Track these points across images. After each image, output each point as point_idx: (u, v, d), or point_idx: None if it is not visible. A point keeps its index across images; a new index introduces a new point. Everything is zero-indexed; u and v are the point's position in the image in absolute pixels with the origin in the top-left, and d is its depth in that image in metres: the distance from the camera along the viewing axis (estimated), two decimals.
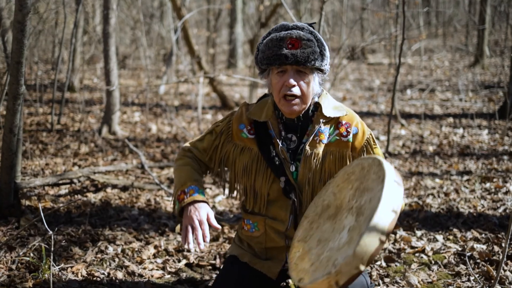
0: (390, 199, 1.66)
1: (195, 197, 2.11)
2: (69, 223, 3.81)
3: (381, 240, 1.60)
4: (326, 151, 2.19)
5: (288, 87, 2.07)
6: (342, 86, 12.36)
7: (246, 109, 2.30)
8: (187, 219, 2.06)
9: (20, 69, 3.27)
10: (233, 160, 2.27)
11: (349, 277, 1.61)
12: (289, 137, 2.23)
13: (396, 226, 3.81)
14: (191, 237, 2.01)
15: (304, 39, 2.04)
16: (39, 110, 8.11)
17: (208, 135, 2.34)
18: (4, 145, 3.53)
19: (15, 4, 3.12)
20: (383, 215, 1.63)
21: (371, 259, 1.61)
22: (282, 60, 2.04)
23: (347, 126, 2.21)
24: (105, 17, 6.36)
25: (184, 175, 2.21)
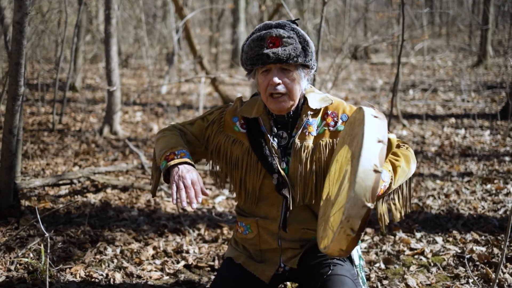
0: (373, 131, 1.70)
1: (187, 159, 2.07)
2: (69, 223, 3.81)
3: (376, 170, 1.63)
4: (316, 143, 2.18)
5: (273, 86, 2.07)
6: (344, 86, 12.34)
7: (240, 104, 2.30)
8: (178, 177, 1.98)
9: (19, 70, 3.27)
10: (224, 151, 2.26)
11: (360, 219, 1.64)
12: (280, 134, 2.22)
13: (395, 228, 3.81)
14: (183, 194, 1.93)
15: (284, 36, 2.04)
16: (41, 109, 8.12)
17: (199, 120, 2.32)
18: (4, 146, 3.53)
19: (14, 5, 3.13)
20: (370, 147, 1.67)
21: (373, 193, 1.63)
22: (265, 60, 2.04)
23: (333, 115, 2.21)
24: (107, 17, 6.37)
25: (174, 141, 2.16)
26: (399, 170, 2.10)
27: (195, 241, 3.65)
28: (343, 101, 2.27)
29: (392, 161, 2.12)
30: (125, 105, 8.92)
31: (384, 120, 1.79)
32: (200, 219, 4.05)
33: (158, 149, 2.16)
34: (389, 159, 2.12)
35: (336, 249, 1.76)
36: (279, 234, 2.25)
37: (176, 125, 2.32)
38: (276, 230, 2.25)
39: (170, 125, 2.33)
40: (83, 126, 7.30)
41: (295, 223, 2.23)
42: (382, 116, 1.81)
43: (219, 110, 2.33)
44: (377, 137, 1.71)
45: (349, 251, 1.76)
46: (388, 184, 2.05)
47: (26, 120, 7.39)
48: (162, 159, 2.08)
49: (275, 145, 2.19)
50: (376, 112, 1.81)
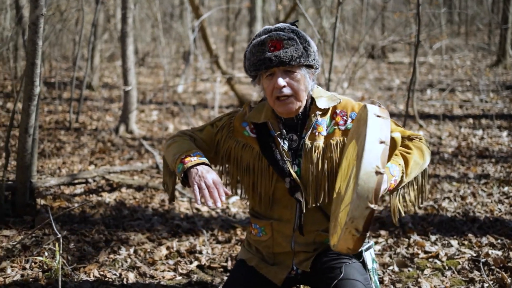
0: (375, 132, 1.70)
1: (203, 160, 2.06)
2: (84, 222, 3.84)
3: (378, 172, 1.63)
4: (327, 142, 2.17)
5: (279, 89, 2.06)
6: (361, 85, 12.27)
7: (249, 110, 2.29)
8: (198, 177, 1.97)
9: (35, 70, 3.30)
10: (234, 156, 2.25)
11: (364, 220, 1.65)
12: (290, 136, 2.21)
13: (410, 231, 3.78)
14: (207, 194, 1.92)
15: (284, 38, 2.04)
16: (58, 108, 8.19)
17: (209, 126, 2.32)
18: (20, 145, 3.57)
19: (30, 6, 3.15)
20: (372, 148, 1.66)
21: (376, 194, 1.63)
22: (267, 64, 2.04)
23: (342, 114, 2.20)
24: (123, 17, 6.40)
25: (186, 145, 2.15)
26: (411, 163, 2.09)
27: (208, 242, 3.65)
28: (351, 99, 2.26)
29: (403, 154, 2.10)
30: (141, 104, 8.97)
31: (387, 119, 1.78)
32: (214, 219, 4.06)
33: (171, 155, 2.15)
34: (400, 153, 2.11)
35: (343, 248, 1.78)
36: (293, 237, 2.24)
37: (186, 132, 2.32)
38: (290, 233, 2.24)
39: (179, 132, 2.33)
40: (99, 125, 7.35)
41: (309, 225, 2.22)
42: (386, 114, 1.80)
43: (228, 115, 2.33)
44: (379, 138, 1.70)
45: (357, 249, 1.77)
46: (400, 178, 2.04)
47: (43, 119, 7.47)
48: (178, 163, 2.07)
49: (286, 148, 2.19)
50: (379, 111, 1.80)
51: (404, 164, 2.08)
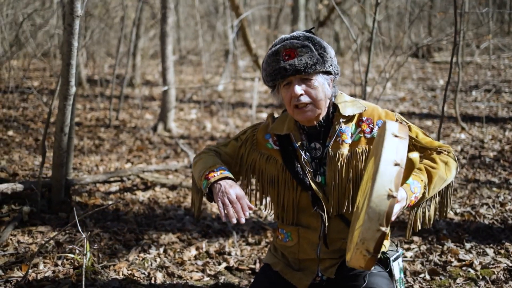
0: (390, 153, 1.66)
1: (227, 174, 2.07)
2: (117, 220, 3.90)
3: (390, 196, 1.60)
4: (352, 150, 2.13)
5: (296, 97, 2.04)
6: (404, 85, 12.05)
7: (272, 121, 2.28)
8: (222, 193, 1.99)
9: (70, 70, 3.36)
10: (259, 169, 2.25)
11: (375, 242, 1.63)
12: (312, 146, 2.18)
13: (443, 237, 3.68)
14: (231, 210, 1.94)
15: (298, 46, 2.01)
16: (100, 105, 8.35)
17: (233, 141, 2.33)
18: (56, 143, 3.65)
19: (66, 8, 3.21)
20: (385, 170, 1.64)
21: (388, 217, 1.61)
22: (283, 73, 2.02)
23: (368, 122, 2.15)
24: (162, 17, 6.47)
25: (211, 161, 2.17)
26: (435, 179, 2.04)
27: (238, 243, 3.65)
28: (377, 106, 2.21)
29: (428, 169, 2.05)
30: (181, 102, 9.05)
31: (405, 140, 1.72)
32: (246, 221, 4.05)
33: (197, 172, 2.17)
34: (425, 167, 2.06)
35: (356, 265, 1.76)
36: (319, 245, 2.22)
37: (211, 147, 2.33)
38: (317, 241, 2.22)
39: (205, 149, 2.35)
40: (138, 123, 7.45)
41: (335, 233, 2.20)
42: (405, 134, 1.74)
43: (252, 128, 2.33)
44: (394, 160, 1.66)
45: (370, 268, 1.74)
46: (421, 194, 2.00)
47: (84, 116, 7.63)
48: (202, 179, 2.09)
49: (307, 159, 2.16)
50: (398, 129, 1.74)
51: (427, 180, 2.04)
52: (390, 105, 9.33)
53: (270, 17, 14.83)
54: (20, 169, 4.84)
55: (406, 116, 8.33)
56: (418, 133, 2.18)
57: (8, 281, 2.91)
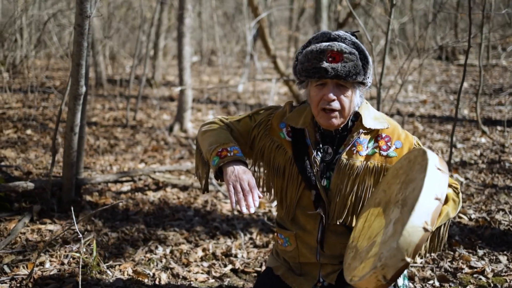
0: (432, 186, 1.63)
1: (240, 157, 1.99)
2: (125, 220, 3.91)
3: (425, 229, 1.57)
4: (364, 163, 2.08)
5: (327, 101, 1.98)
6: (426, 88, 11.90)
7: (290, 109, 2.21)
8: (235, 177, 1.92)
9: (80, 70, 3.38)
10: (268, 155, 2.19)
11: (395, 270, 1.60)
12: (325, 148, 2.13)
13: (455, 243, 3.61)
14: (242, 198, 1.88)
15: (346, 52, 1.93)
16: (119, 105, 8.41)
17: (247, 118, 2.26)
18: (66, 142, 3.67)
19: (76, 8, 3.23)
20: (426, 203, 1.60)
21: (416, 250, 1.58)
22: (322, 74, 1.94)
23: (387, 140, 2.10)
24: (180, 17, 6.48)
25: (224, 136, 2.10)
26: (443, 215, 2.01)
27: (245, 245, 3.63)
28: (399, 125, 2.16)
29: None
30: (199, 103, 9.07)
31: (446, 174, 1.69)
32: (254, 222, 4.03)
33: (207, 143, 2.10)
34: None
35: (362, 287, 1.71)
36: (318, 249, 2.18)
37: (223, 120, 2.26)
38: (315, 245, 2.18)
39: (216, 118, 2.27)
40: (155, 123, 7.48)
41: (334, 237, 2.16)
42: (445, 168, 1.72)
43: (268, 111, 2.25)
44: (436, 194, 1.62)
45: None
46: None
47: (103, 115, 7.69)
48: (214, 155, 2.01)
49: (318, 159, 2.11)
50: (440, 163, 1.72)
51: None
52: (411, 108, 9.21)
53: (291, 18, 14.78)
54: (34, 168, 4.90)
55: (427, 119, 8.23)
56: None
57: (14, 279, 2.93)
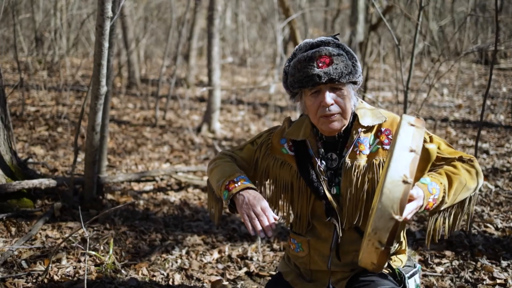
0: (406, 140, 1.62)
1: (248, 184, 2.00)
2: (145, 219, 3.94)
3: (405, 181, 1.54)
4: (369, 162, 2.04)
5: (326, 107, 1.95)
6: (463, 92, 11.65)
7: (288, 125, 2.20)
8: (246, 206, 1.92)
9: (101, 70, 3.42)
10: (273, 174, 2.18)
11: (388, 231, 1.57)
12: (329, 156, 2.10)
13: (478, 253, 3.50)
14: (258, 224, 1.87)
15: (334, 54, 1.92)
16: (150, 105, 8.50)
17: (249, 144, 2.27)
18: (87, 142, 3.72)
19: (97, 10, 3.27)
20: (400, 156, 1.59)
21: (402, 205, 1.54)
22: (316, 81, 1.92)
23: (387, 133, 2.06)
24: (209, 18, 6.51)
25: (228, 169, 2.10)
26: (455, 183, 1.93)
27: (261, 249, 3.61)
28: (397, 116, 2.11)
29: (448, 174, 1.94)
30: (230, 104, 9.09)
31: (421, 129, 1.66)
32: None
33: (215, 181, 2.11)
34: (445, 172, 1.96)
35: (368, 263, 1.68)
36: (330, 257, 2.15)
37: (226, 152, 2.28)
38: (327, 253, 2.15)
39: (219, 154, 2.29)
40: (184, 123, 7.53)
41: (346, 245, 2.13)
42: (421, 124, 1.68)
43: (267, 132, 2.26)
44: (410, 146, 1.60)
45: (381, 266, 1.66)
46: (441, 197, 1.89)
47: (133, 115, 7.79)
48: (223, 189, 2.02)
49: (323, 168, 2.08)
50: (415, 120, 1.69)
51: (447, 184, 1.92)
52: (445, 112, 9.03)
53: (326, 20, 14.68)
54: (61, 165, 4.99)
55: (460, 124, 8.05)
56: (440, 144, 2.07)
57: (30, 274, 2.98)
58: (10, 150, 3.81)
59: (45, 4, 11.35)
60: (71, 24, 11.54)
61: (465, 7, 16.40)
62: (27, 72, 8.94)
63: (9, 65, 10.87)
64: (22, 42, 10.07)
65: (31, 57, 9.41)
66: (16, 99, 7.95)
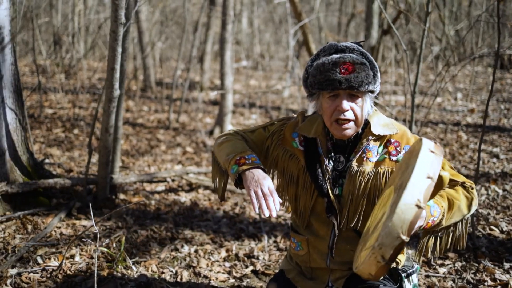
0: (424, 166, 1.69)
1: (259, 164, 2.04)
2: (156, 219, 4.06)
3: (418, 206, 1.62)
4: (374, 170, 2.12)
5: (341, 112, 2.03)
6: (477, 96, 11.64)
7: (302, 119, 2.26)
8: (255, 183, 1.97)
9: (114, 74, 3.55)
10: (281, 165, 2.25)
11: (393, 249, 1.65)
12: (337, 157, 2.18)
13: (481, 255, 3.57)
14: (264, 203, 1.93)
15: (357, 63, 1.99)
16: (164, 107, 8.65)
17: (261, 129, 2.32)
18: (101, 143, 3.86)
19: (111, 16, 3.40)
20: (417, 182, 1.66)
21: (411, 227, 1.63)
22: (336, 86, 1.99)
23: (396, 145, 2.13)
24: (222, 23, 6.63)
25: (240, 146, 2.16)
26: (454, 209, 2.03)
27: (268, 248, 3.71)
28: (408, 130, 2.19)
29: (450, 199, 2.04)
30: (243, 107, 9.20)
31: (440, 157, 1.74)
32: (280, 226, 4.11)
33: (224, 153, 2.16)
34: (447, 196, 2.05)
35: (365, 272, 1.76)
36: (328, 255, 2.23)
37: (238, 131, 2.33)
38: (326, 250, 2.23)
39: (231, 130, 2.34)
40: (197, 126, 7.65)
41: (344, 243, 2.20)
42: (440, 152, 1.77)
43: (281, 122, 2.31)
44: (427, 173, 1.68)
45: (378, 277, 1.74)
46: (438, 220, 1.99)
47: (148, 117, 7.93)
48: (232, 163, 2.07)
49: (330, 168, 2.16)
50: (434, 147, 1.77)
51: (447, 208, 2.02)
52: (458, 117, 9.05)
53: (340, 24, 14.74)
54: (76, 166, 5.13)
55: (472, 128, 8.07)
56: (445, 164, 2.15)
57: (45, 270, 3.12)
58: (27, 151, 3.95)
59: (63, 9, 11.58)
60: (89, 28, 11.76)
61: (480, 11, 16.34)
62: (45, 75, 9.14)
63: (28, 68, 11.11)
64: (40, 46, 10.29)
65: (49, 60, 9.61)
66: (34, 101, 8.14)
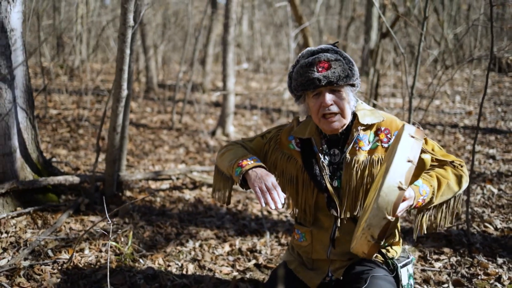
0: (405, 150, 1.84)
1: (260, 163, 2.20)
2: (161, 215, 4.19)
3: (400, 188, 1.78)
4: (368, 157, 2.26)
5: (325, 107, 2.18)
6: (475, 99, 11.76)
7: (296, 124, 2.43)
8: (259, 180, 2.11)
9: (122, 75, 3.69)
10: (281, 167, 2.41)
11: (380, 228, 1.82)
12: (332, 152, 2.32)
13: (475, 251, 3.69)
14: (269, 197, 2.07)
15: (332, 59, 2.15)
16: (167, 109, 8.78)
17: (259, 137, 2.49)
18: (109, 142, 3.99)
19: (120, 19, 3.54)
20: (398, 165, 1.81)
21: (395, 207, 1.79)
22: (316, 84, 2.15)
23: (386, 132, 2.28)
24: (225, 26, 6.76)
25: (241, 152, 2.32)
26: (443, 186, 2.16)
27: (270, 243, 3.84)
28: (396, 118, 2.33)
29: (438, 177, 2.18)
30: (244, 108, 9.32)
31: (420, 141, 1.89)
32: (281, 223, 4.23)
33: (227, 161, 2.33)
34: (436, 175, 2.19)
35: (359, 251, 1.94)
36: (330, 246, 2.36)
37: (237, 142, 2.50)
38: (327, 242, 2.36)
39: (231, 142, 2.52)
40: (200, 127, 7.79)
41: (345, 234, 2.33)
42: (421, 136, 1.91)
43: (277, 128, 2.49)
44: (408, 157, 1.83)
45: (371, 255, 1.93)
46: (429, 198, 2.13)
47: (151, 118, 8.06)
48: (235, 167, 2.23)
49: (326, 163, 2.30)
50: (415, 131, 1.92)
51: (436, 187, 2.15)
52: (455, 119, 9.18)
53: (340, 27, 14.89)
54: (82, 164, 5.27)
55: (470, 130, 8.20)
56: (434, 146, 2.30)
57: (56, 262, 3.25)
58: (37, 149, 4.09)
59: (66, 11, 11.71)
60: (91, 30, 11.89)
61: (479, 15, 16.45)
62: (49, 77, 9.27)
63: (31, 70, 11.24)
64: (44, 48, 10.42)
65: (53, 62, 9.75)
66: (39, 102, 8.27)
